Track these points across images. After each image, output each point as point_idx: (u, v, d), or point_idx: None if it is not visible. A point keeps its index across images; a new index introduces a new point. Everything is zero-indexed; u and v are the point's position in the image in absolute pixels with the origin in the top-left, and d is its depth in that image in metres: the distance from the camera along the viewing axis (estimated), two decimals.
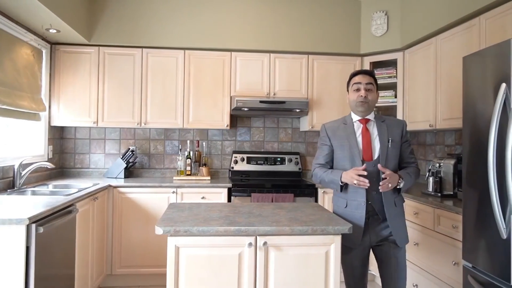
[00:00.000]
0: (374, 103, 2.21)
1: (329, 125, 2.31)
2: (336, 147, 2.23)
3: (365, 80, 2.17)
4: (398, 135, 2.19)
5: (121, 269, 3.43)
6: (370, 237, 2.12)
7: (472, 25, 2.73)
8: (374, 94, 2.20)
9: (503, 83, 1.81)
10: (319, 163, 2.28)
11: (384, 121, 2.21)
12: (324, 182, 2.23)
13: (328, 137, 2.26)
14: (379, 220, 2.11)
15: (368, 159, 2.11)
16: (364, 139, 2.15)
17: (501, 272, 1.82)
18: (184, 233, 1.76)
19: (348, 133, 2.19)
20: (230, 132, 4.23)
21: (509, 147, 1.71)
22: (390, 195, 2.11)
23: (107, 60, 3.75)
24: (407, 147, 2.23)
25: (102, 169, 4.06)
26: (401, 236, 2.12)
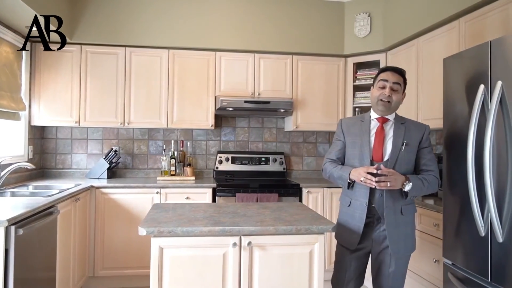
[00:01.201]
0: (398, 104, 2.09)
1: (345, 121, 2.24)
2: (348, 144, 2.17)
3: (393, 79, 2.05)
4: (417, 139, 2.07)
5: (104, 271, 3.38)
6: (372, 242, 2.06)
7: (452, 27, 2.79)
8: (400, 95, 2.08)
9: (481, 85, 1.86)
10: (330, 158, 2.22)
11: (404, 123, 2.10)
12: (332, 178, 2.15)
13: (342, 133, 2.20)
14: (382, 225, 2.02)
15: (378, 159, 2.03)
16: (377, 139, 2.06)
17: (479, 268, 1.87)
18: (168, 234, 1.75)
19: (362, 131, 2.11)
20: (214, 132, 4.22)
21: (487, 147, 1.75)
22: (395, 201, 2.01)
23: (89, 59, 3.70)
24: (426, 153, 2.09)
25: (84, 170, 3.99)
26: (400, 246, 2.01)
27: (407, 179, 1.97)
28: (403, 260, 2.07)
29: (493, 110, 1.75)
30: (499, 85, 1.74)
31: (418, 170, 2.10)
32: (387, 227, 2.01)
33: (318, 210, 3.60)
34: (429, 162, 2.09)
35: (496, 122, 1.75)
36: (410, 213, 2.08)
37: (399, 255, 2.03)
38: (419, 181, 2.00)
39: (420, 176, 2.04)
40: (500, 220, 1.73)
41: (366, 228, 2.04)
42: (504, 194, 1.72)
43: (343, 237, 2.10)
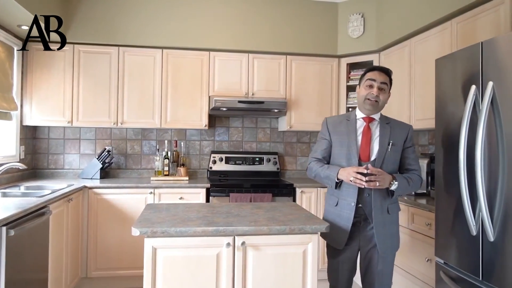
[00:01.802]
0: (384, 103, 2.11)
1: (331, 120, 2.23)
2: (335, 143, 2.16)
3: (381, 79, 2.06)
4: (401, 139, 2.11)
5: (97, 271, 3.36)
6: (359, 242, 2.08)
7: (444, 28, 2.81)
8: (386, 95, 2.10)
9: (473, 85, 1.87)
10: (315, 157, 2.21)
11: (389, 123, 2.13)
12: (319, 177, 2.15)
13: (328, 132, 2.19)
14: (370, 224, 2.05)
15: (365, 159, 2.05)
16: (364, 138, 2.07)
17: (471, 267, 1.89)
18: (162, 234, 1.75)
19: (349, 130, 2.11)
20: (208, 132, 4.21)
21: (479, 147, 1.77)
22: (382, 200, 2.04)
23: (82, 58, 3.67)
24: (410, 153, 2.14)
25: (77, 170, 3.97)
26: (387, 245, 2.05)
27: (393, 178, 2.00)
28: (390, 258, 2.11)
29: (484, 110, 1.76)
30: (490, 86, 1.76)
31: (403, 169, 2.14)
32: (375, 226, 2.03)
33: (311, 210, 3.61)
34: (413, 161, 2.14)
35: (488, 122, 1.77)
36: (395, 212, 2.13)
37: (387, 253, 2.06)
38: (405, 180, 2.04)
39: (405, 175, 2.08)
40: (491, 219, 1.75)
41: (353, 227, 2.05)
42: (495, 193, 1.74)
43: (331, 237, 2.10)
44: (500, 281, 1.71)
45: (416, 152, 2.18)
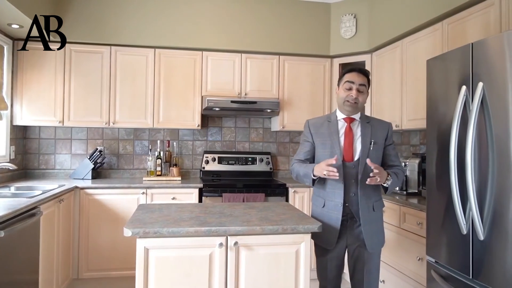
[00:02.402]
0: (364, 104, 2.15)
1: (313, 121, 2.25)
2: (317, 145, 2.18)
3: (359, 81, 2.09)
4: (382, 137, 2.15)
5: (88, 272, 3.34)
6: (347, 240, 2.10)
7: (435, 29, 2.84)
8: (365, 96, 2.13)
9: (463, 86, 1.90)
10: (298, 159, 2.23)
11: (369, 122, 2.17)
12: (299, 177, 2.18)
13: (310, 134, 2.21)
14: (356, 223, 2.08)
15: (348, 159, 2.07)
16: (347, 139, 2.10)
17: (462, 266, 1.91)
18: (154, 235, 1.74)
19: (331, 132, 2.14)
20: (201, 132, 4.20)
21: (469, 147, 1.79)
22: (368, 198, 2.08)
23: (73, 58, 3.64)
24: (391, 150, 2.18)
25: (68, 170, 3.93)
26: (374, 242, 2.09)
27: (388, 174, 2.04)
28: (377, 254, 2.14)
29: (474, 111, 1.78)
30: (480, 87, 1.78)
31: (386, 166, 2.17)
32: (362, 224, 2.06)
33: (304, 210, 3.62)
34: (395, 158, 2.19)
35: (478, 122, 1.79)
36: (380, 209, 2.16)
37: (374, 249, 2.10)
38: (395, 176, 2.09)
39: (394, 171, 2.11)
40: (481, 218, 1.77)
41: (340, 226, 2.08)
42: (485, 193, 1.76)
43: (321, 238, 2.11)
44: (489, 279, 1.73)
45: (396, 149, 2.24)
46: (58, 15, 3.54)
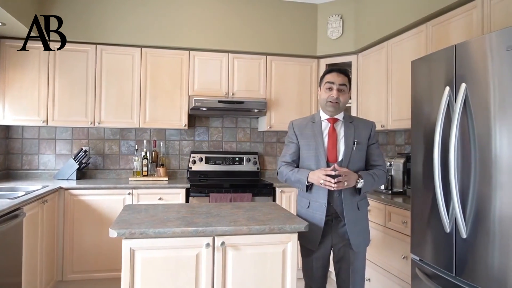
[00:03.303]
0: (346, 103, 2.16)
1: (297, 123, 2.26)
2: (302, 146, 2.19)
3: (339, 81, 2.11)
4: (365, 137, 2.16)
5: (73, 274, 3.29)
6: (332, 239, 2.11)
7: (420, 31, 2.88)
8: (347, 95, 2.15)
9: (447, 87, 1.93)
10: (285, 161, 2.23)
11: (352, 122, 2.18)
12: (290, 181, 2.18)
13: (295, 135, 2.22)
14: (341, 222, 2.09)
15: (333, 160, 2.08)
16: (330, 139, 2.12)
17: (445, 263, 1.94)
18: (140, 235, 1.72)
19: (315, 133, 2.15)
20: (188, 132, 4.18)
21: (452, 147, 1.83)
22: (352, 198, 2.09)
23: (58, 56, 3.58)
24: (374, 149, 2.19)
25: (52, 171, 3.87)
26: (359, 241, 2.10)
27: (359, 176, 2.05)
28: (362, 253, 2.16)
29: (457, 111, 1.82)
30: (463, 88, 1.82)
31: (368, 165, 2.19)
32: (347, 224, 2.07)
33: (291, 210, 3.63)
34: (378, 157, 2.19)
35: (461, 123, 1.83)
36: (365, 208, 2.18)
37: (359, 248, 2.11)
38: (370, 177, 2.09)
39: (370, 172, 2.12)
40: (464, 216, 1.80)
41: (325, 226, 2.09)
42: (467, 192, 1.80)
43: (305, 238, 2.12)
44: (472, 276, 1.77)
45: (379, 148, 2.24)
46: (42, 12, 3.48)
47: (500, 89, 1.65)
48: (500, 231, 1.63)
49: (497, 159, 1.65)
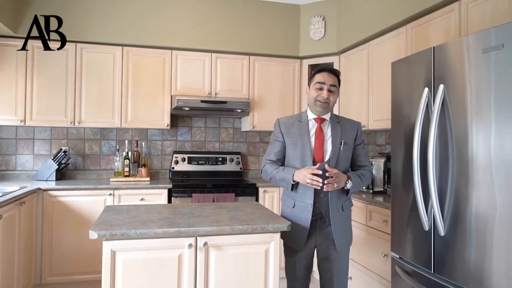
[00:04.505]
0: (334, 104, 2.16)
1: (283, 121, 2.24)
2: (288, 145, 2.18)
3: (330, 81, 2.10)
4: (352, 137, 2.17)
5: (52, 277, 3.22)
6: (316, 239, 2.12)
7: (400, 33, 2.94)
8: (336, 96, 2.15)
9: (426, 88, 1.97)
10: (270, 159, 2.21)
11: (339, 122, 2.18)
12: (274, 180, 2.17)
13: (281, 133, 2.20)
14: (326, 222, 2.10)
15: (319, 160, 2.08)
16: (317, 139, 2.11)
17: (424, 261, 1.98)
18: (121, 237, 1.70)
19: (302, 132, 2.14)
20: (170, 132, 4.15)
21: (431, 146, 1.87)
22: (338, 199, 2.10)
23: (36, 54, 3.50)
24: (361, 150, 2.20)
25: (30, 171, 3.78)
26: (343, 241, 2.12)
27: (348, 177, 2.07)
28: (346, 253, 2.18)
29: (436, 112, 1.86)
30: (441, 89, 1.86)
31: (354, 166, 2.21)
32: (332, 224, 2.08)
33: (274, 209, 3.64)
34: (363, 158, 2.22)
35: (439, 123, 1.87)
36: (349, 208, 2.20)
37: (343, 248, 2.13)
38: (358, 178, 2.11)
39: (357, 173, 2.15)
40: (442, 215, 1.85)
41: (310, 226, 2.09)
42: (446, 190, 1.84)
43: (290, 238, 2.12)
44: (450, 273, 1.81)
45: (366, 148, 2.26)
46: (20, 10, 3.40)
47: (477, 91, 1.69)
48: (476, 228, 1.68)
49: (473, 159, 1.70)
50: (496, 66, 1.60)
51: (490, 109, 1.62)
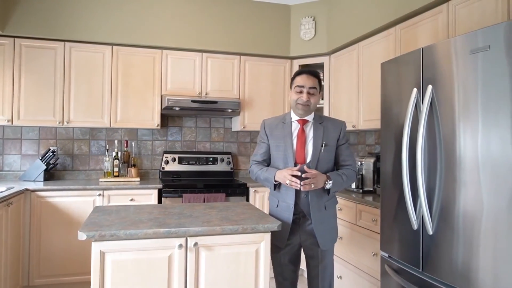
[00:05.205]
0: (316, 105, 2.20)
1: (268, 122, 2.29)
2: (272, 146, 2.23)
3: (309, 84, 2.14)
4: (335, 137, 2.20)
5: (40, 279, 3.18)
6: (300, 236, 2.16)
7: (389, 34, 2.96)
8: (317, 97, 2.18)
9: (414, 88, 1.99)
10: (256, 160, 2.28)
11: (322, 123, 2.21)
12: (259, 180, 2.23)
13: (266, 135, 2.25)
14: (308, 221, 2.15)
15: (301, 162, 2.12)
16: (299, 141, 2.15)
17: (413, 259, 2.01)
18: (110, 238, 1.69)
19: (284, 134, 2.19)
20: (160, 132, 4.13)
21: (419, 146, 1.89)
22: (319, 199, 2.14)
23: (24, 53, 3.45)
24: (344, 149, 2.23)
25: (18, 172, 3.73)
26: (326, 239, 2.16)
27: (328, 177, 2.10)
28: (330, 250, 2.22)
29: (424, 112, 1.88)
30: (430, 89, 1.88)
31: (338, 165, 2.25)
32: (314, 223, 2.13)
33: (264, 209, 3.65)
34: (347, 157, 2.24)
35: (427, 123, 1.89)
36: (332, 207, 2.24)
37: (327, 246, 2.17)
38: (339, 177, 2.14)
39: (339, 172, 2.18)
40: (430, 214, 1.87)
41: (293, 225, 2.15)
42: (434, 190, 1.86)
43: (274, 235, 2.15)
44: (437, 271, 1.84)
45: (350, 147, 2.29)
46: (6, 6, 3.34)
47: (464, 91, 1.71)
48: (464, 227, 1.70)
49: (461, 159, 1.72)
50: (483, 67, 1.62)
51: (477, 109, 1.64)
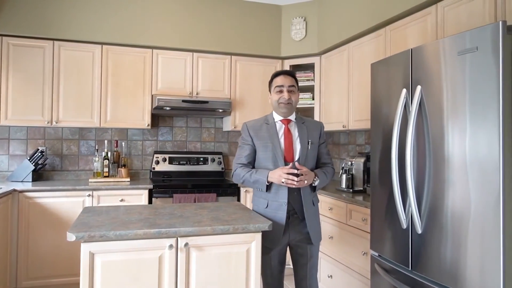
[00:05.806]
0: (297, 103, 2.28)
1: (251, 124, 2.30)
2: (258, 148, 2.23)
3: (288, 83, 2.22)
4: (316, 137, 2.28)
5: (28, 281, 3.14)
6: (289, 236, 2.18)
7: (379, 35, 2.99)
8: (296, 95, 2.26)
9: (403, 89, 2.01)
10: (241, 163, 2.25)
11: (304, 123, 2.29)
12: (247, 182, 2.21)
13: (250, 137, 2.26)
14: (298, 219, 2.18)
15: (290, 160, 2.16)
16: (287, 140, 2.20)
17: (402, 258, 2.03)
18: (100, 238, 1.68)
19: (271, 134, 2.22)
20: (151, 132, 4.10)
21: (408, 146, 1.91)
22: (309, 195, 2.20)
23: (12, 52, 3.41)
24: (323, 148, 2.33)
25: (5, 172, 3.67)
26: (317, 235, 2.23)
27: (315, 174, 2.17)
28: (317, 246, 2.28)
29: (413, 112, 1.90)
30: (419, 90, 1.90)
31: (319, 163, 2.33)
32: (307, 220, 2.18)
33: None
34: (326, 156, 2.36)
35: (416, 123, 1.91)
36: (317, 203, 2.32)
37: (316, 242, 2.24)
38: (324, 175, 2.24)
39: (323, 170, 2.27)
40: (419, 213, 1.89)
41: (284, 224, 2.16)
42: (422, 189, 1.88)
43: (265, 237, 2.11)
44: (426, 270, 1.86)
45: (327, 147, 2.40)
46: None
47: (452, 92, 1.74)
48: (452, 226, 1.72)
49: (449, 158, 1.74)
50: (471, 68, 1.65)
51: (465, 110, 1.67)
